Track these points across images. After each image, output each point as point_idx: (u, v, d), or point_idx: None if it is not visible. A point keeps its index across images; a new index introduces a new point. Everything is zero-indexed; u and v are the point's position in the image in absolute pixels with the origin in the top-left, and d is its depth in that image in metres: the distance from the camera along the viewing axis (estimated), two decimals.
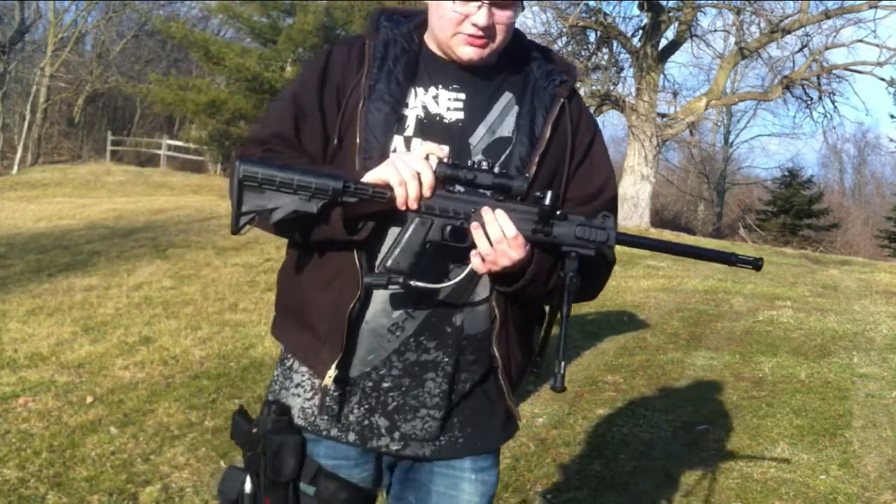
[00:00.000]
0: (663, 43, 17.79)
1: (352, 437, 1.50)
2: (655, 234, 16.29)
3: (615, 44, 17.61)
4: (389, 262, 1.36)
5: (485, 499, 1.59)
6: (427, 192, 1.35)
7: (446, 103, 1.49)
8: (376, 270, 1.38)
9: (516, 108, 1.51)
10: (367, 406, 1.50)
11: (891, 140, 42.55)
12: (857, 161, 42.83)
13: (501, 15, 1.43)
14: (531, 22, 17.42)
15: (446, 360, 1.48)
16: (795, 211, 27.28)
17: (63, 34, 27.50)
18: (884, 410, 4.77)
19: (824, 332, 6.93)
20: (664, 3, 17.13)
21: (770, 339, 6.56)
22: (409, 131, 1.46)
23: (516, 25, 1.52)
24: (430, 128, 1.47)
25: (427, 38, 1.54)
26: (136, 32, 29.67)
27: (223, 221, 11.93)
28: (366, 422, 1.50)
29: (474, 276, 1.42)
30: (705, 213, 35.00)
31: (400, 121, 1.46)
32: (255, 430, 1.51)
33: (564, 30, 17.06)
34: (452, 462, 1.55)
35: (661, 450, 3.96)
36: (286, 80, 19.77)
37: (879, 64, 17.06)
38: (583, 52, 17.53)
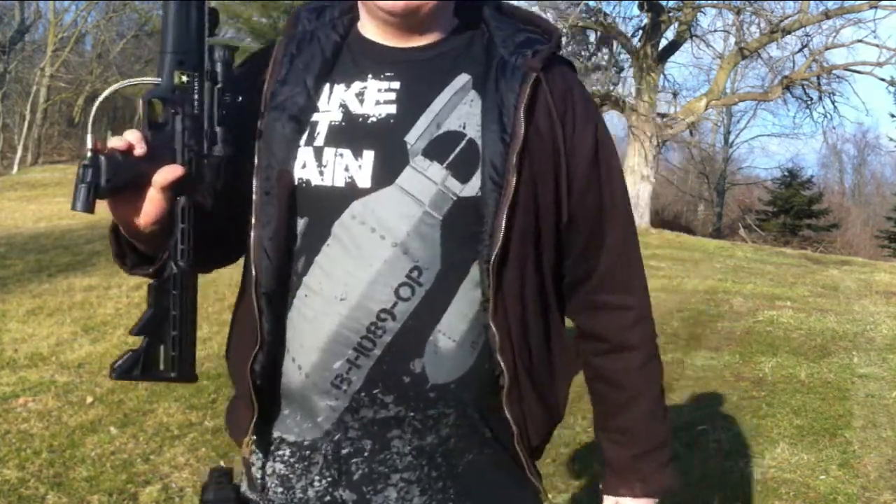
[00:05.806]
0: (663, 43, 17.79)
1: None
2: (655, 234, 16.28)
3: (615, 44, 17.61)
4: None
5: None
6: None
7: (375, 96, 1.16)
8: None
9: (473, 93, 1.14)
10: (329, 478, 1.18)
11: (891, 140, 42.47)
12: (857, 161, 42.78)
13: None
14: None
15: (412, 415, 1.15)
16: (795, 211, 27.25)
17: (63, 34, 27.49)
18: (884, 410, 4.77)
19: (824, 332, 6.92)
20: (664, 3, 17.14)
21: (770, 339, 6.55)
22: (320, 140, 1.15)
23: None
24: (349, 132, 1.14)
25: (361, 23, 1.22)
26: (136, 32, 29.64)
27: None
28: (327, 497, 1.18)
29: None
30: (705, 213, 34.98)
31: (310, 128, 1.16)
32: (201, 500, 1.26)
33: (564, 30, 17.06)
34: None
35: None
36: None
37: (879, 64, 17.05)
38: (583, 52, 17.54)
